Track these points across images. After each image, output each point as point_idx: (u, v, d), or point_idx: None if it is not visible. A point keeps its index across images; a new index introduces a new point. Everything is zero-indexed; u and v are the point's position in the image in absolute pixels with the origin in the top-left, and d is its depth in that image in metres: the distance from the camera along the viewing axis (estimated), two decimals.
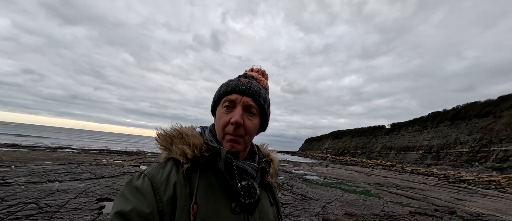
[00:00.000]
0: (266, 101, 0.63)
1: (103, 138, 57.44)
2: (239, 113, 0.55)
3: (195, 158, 0.53)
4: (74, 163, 8.53)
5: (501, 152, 25.89)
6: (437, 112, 46.88)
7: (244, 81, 0.60)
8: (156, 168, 0.53)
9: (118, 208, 0.44)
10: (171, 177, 0.51)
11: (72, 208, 3.69)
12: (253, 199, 0.54)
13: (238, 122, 0.54)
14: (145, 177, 0.50)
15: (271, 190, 0.69)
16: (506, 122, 28.80)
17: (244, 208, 0.54)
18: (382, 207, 6.25)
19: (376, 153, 53.12)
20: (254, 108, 0.59)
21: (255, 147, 0.70)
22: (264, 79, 0.69)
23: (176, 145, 0.55)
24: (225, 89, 0.60)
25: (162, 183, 0.49)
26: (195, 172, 0.53)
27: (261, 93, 0.61)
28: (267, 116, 0.65)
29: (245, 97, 0.58)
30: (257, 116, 0.61)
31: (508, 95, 35.18)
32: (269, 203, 0.65)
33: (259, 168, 0.63)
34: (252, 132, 0.59)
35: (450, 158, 32.84)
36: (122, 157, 13.05)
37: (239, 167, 0.56)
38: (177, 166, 0.54)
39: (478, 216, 6.29)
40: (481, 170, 25.69)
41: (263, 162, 0.66)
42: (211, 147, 0.55)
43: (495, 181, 18.76)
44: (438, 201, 8.29)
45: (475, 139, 31.24)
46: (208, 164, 0.55)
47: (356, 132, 72.23)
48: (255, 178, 0.60)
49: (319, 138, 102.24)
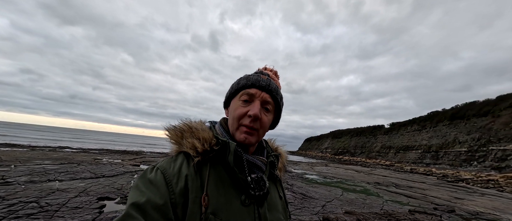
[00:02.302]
0: (281, 100, 0.66)
1: (103, 138, 57.30)
2: (258, 107, 0.57)
3: (205, 152, 0.55)
4: (74, 162, 8.52)
5: (499, 151, 26.01)
6: (436, 111, 46.99)
7: (264, 78, 0.62)
8: (168, 162, 0.55)
9: (133, 200, 0.46)
10: (182, 169, 0.52)
11: (73, 207, 3.69)
12: (262, 191, 0.55)
13: (257, 115, 0.55)
14: (157, 170, 0.52)
15: (280, 183, 0.70)
16: (504, 122, 28.91)
17: (253, 200, 0.55)
18: (381, 206, 6.28)
19: (375, 153, 53.25)
20: (270, 105, 0.61)
21: (263, 142, 0.72)
22: (277, 79, 0.71)
23: (187, 139, 0.56)
24: (245, 82, 0.61)
25: (174, 175, 0.51)
26: (205, 165, 0.55)
27: (278, 91, 0.64)
28: (280, 114, 0.67)
29: (264, 93, 0.59)
30: (272, 113, 0.63)
31: (506, 95, 35.29)
32: (278, 196, 0.66)
33: (268, 161, 0.65)
34: (266, 127, 0.61)
35: (449, 157, 32.96)
36: (122, 157, 13.03)
37: (248, 160, 0.58)
38: (187, 159, 0.55)
39: (476, 215, 6.33)
40: (480, 169, 25.81)
41: (272, 156, 0.68)
42: (220, 141, 0.56)
43: (494, 180, 18.86)
44: (437, 200, 8.33)
45: (474, 138, 31.36)
46: (218, 158, 0.56)
47: (355, 131, 72.34)
48: (264, 172, 0.62)
49: (319, 138, 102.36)
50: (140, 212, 0.44)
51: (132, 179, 6.63)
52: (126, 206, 0.46)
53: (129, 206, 0.45)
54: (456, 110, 41.16)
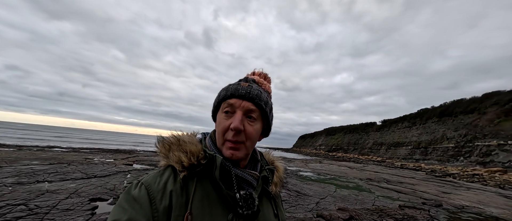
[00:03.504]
0: (267, 105, 0.59)
1: (94, 137, 55.94)
2: (239, 119, 0.52)
3: (192, 166, 0.52)
4: (64, 162, 8.30)
5: (484, 147, 27.16)
6: (426, 109, 48.44)
7: (244, 85, 0.57)
8: (154, 176, 0.52)
9: (115, 218, 0.44)
10: (167, 185, 0.50)
11: (64, 209, 3.61)
12: (251, 210, 0.51)
13: (237, 127, 0.51)
14: (142, 186, 0.50)
15: (274, 200, 0.64)
16: (489, 119, 30.15)
17: (241, 219, 0.51)
18: (373, 202, 6.45)
19: (368, 149, 54.49)
20: (255, 113, 0.56)
21: (257, 154, 0.67)
22: (266, 83, 0.66)
23: (173, 152, 0.54)
24: (224, 93, 0.57)
25: (159, 191, 0.49)
26: (192, 180, 0.52)
27: (262, 96, 0.57)
28: (269, 120, 0.61)
29: (245, 102, 0.55)
30: (259, 121, 0.58)
31: (492, 93, 36.81)
32: (273, 214, 0.61)
33: (261, 176, 0.60)
34: (253, 138, 0.56)
35: (437, 153, 34.17)
36: (114, 156, 12.78)
37: (237, 175, 0.54)
38: (175, 174, 0.53)
39: (462, 208, 6.62)
40: (466, 165, 26.90)
41: (266, 170, 0.62)
42: (208, 154, 0.53)
43: (479, 174, 19.72)
44: (425, 194, 8.64)
45: (461, 134, 32.58)
46: (205, 172, 0.53)
47: (348, 128, 73.66)
48: (255, 188, 0.57)
49: (313, 135, 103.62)
50: None
51: (125, 179, 6.52)
52: None
53: None
54: (444, 108, 42.59)
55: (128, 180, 6.38)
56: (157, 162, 0.57)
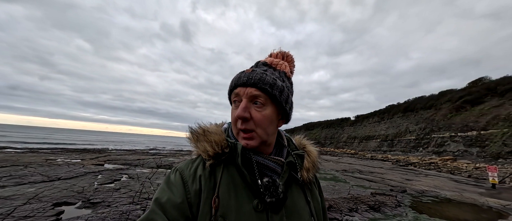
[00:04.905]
0: (274, 87, 0.54)
1: (56, 136, 50.20)
2: (242, 107, 0.52)
3: (217, 155, 0.55)
4: (19, 164, 7.33)
5: (439, 138, 30.89)
6: (392, 105, 53.20)
7: (247, 71, 0.55)
8: (187, 163, 0.59)
9: (157, 196, 0.52)
10: (197, 171, 0.55)
11: (22, 216, 3.19)
12: (274, 197, 0.50)
13: (240, 115, 0.51)
14: (177, 171, 0.56)
15: (307, 186, 0.62)
16: (444, 114, 34.28)
17: (267, 206, 0.51)
18: (348, 191, 6.92)
19: (343, 143, 58.17)
20: (260, 98, 0.53)
21: (284, 140, 0.64)
22: (284, 62, 0.62)
23: (200, 142, 0.58)
24: (230, 85, 0.58)
25: (190, 176, 0.54)
26: (219, 166, 0.55)
27: (266, 79, 0.53)
28: (282, 103, 0.56)
29: (248, 88, 0.53)
30: (268, 105, 0.54)
31: (446, 91, 41.79)
32: (305, 201, 0.58)
33: (287, 162, 0.57)
34: (263, 124, 0.53)
35: (401, 145, 37.94)
36: (82, 156, 11.67)
37: (259, 162, 0.54)
38: (204, 161, 0.57)
39: (422, 193, 7.47)
40: (424, 154, 30.36)
41: (292, 155, 0.59)
42: (229, 143, 0.56)
43: (434, 163, 22.43)
44: (392, 182, 9.55)
45: (421, 128, 36.57)
46: (231, 159, 0.56)
47: (326, 123, 77.60)
48: (280, 174, 0.56)
49: (292, 130, 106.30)
50: (161, 209, 0.48)
51: (96, 180, 6.00)
52: (152, 202, 0.51)
53: (153, 202, 0.51)
54: (408, 104, 47.23)
55: (99, 181, 5.87)
56: (131, 161, 0.54)
